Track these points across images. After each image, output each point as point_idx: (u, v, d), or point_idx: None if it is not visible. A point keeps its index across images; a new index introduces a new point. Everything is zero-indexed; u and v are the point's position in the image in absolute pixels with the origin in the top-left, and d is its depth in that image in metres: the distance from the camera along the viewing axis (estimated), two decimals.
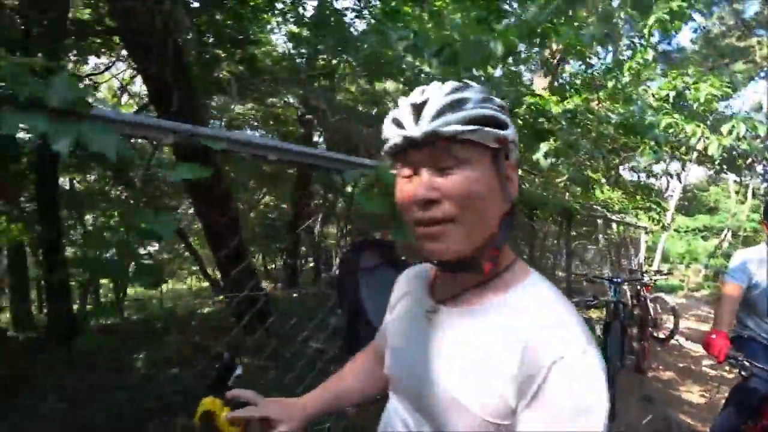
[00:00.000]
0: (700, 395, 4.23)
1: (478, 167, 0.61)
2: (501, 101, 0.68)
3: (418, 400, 0.68)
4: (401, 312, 0.82)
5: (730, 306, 2.17)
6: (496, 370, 0.59)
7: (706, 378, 4.74)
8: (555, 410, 0.55)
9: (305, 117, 7.40)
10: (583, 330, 0.60)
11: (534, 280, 0.67)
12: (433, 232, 0.61)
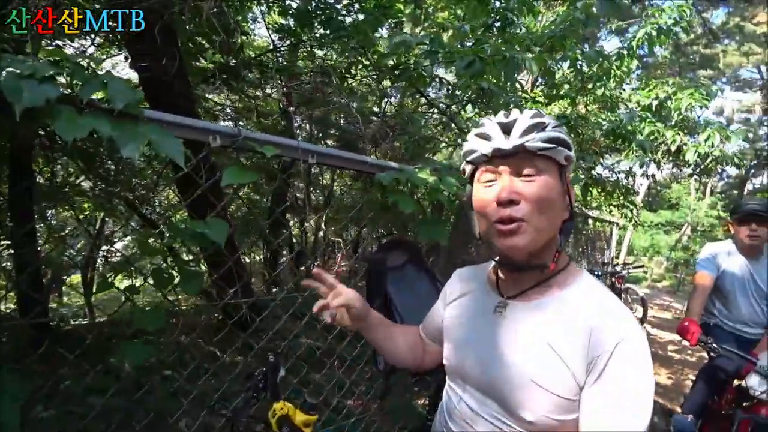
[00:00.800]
0: (667, 377, 4.58)
1: (551, 178, 0.74)
2: (564, 128, 0.79)
3: (491, 386, 0.77)
4: (463, 308, 0.91)
5: (701, 294, 2.39)
6: (568, 353, 0.70)
7: (672, 362, 5.13)
8: (620, 382, 0.67)
9: (287, 110, 7.28)
10: (633, 317, 0.73)
11: (587, 278, 0.80)
12: (512, 229, 0.72)
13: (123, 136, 0.79)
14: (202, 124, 1.04)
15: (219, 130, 1.07)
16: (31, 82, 0.73)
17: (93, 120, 0.77)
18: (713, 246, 2.55)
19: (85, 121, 0.77)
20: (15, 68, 0.74)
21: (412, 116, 2.88)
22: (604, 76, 3.07)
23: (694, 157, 3.07)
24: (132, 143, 0.79)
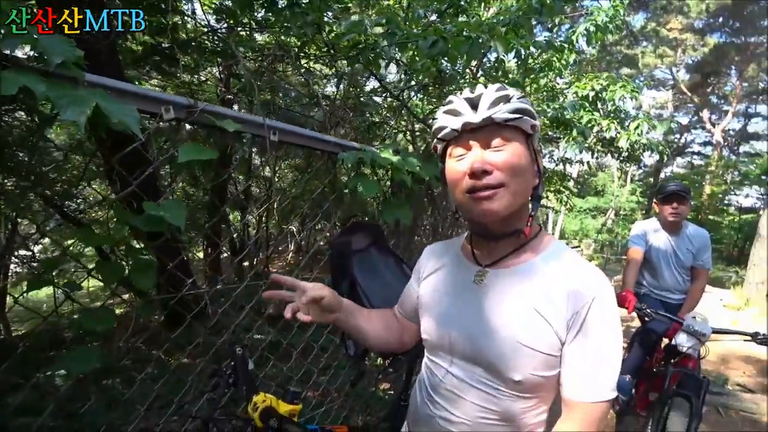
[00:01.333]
0: None
1: (519, 146, 0.77)
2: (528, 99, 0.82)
3: (480, 353, 0.79)
4: (439, 282, 0.92)
5: (634, 266, 2.65)
6: (550, 313, 0.75)
7: None
8: (597, 333, 0.74)
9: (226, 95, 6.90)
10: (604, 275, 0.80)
11: (558, 244, 0.85)
12: (488, 195, 0.75)
13: (63, 97, 0.67)
14: (153, 93, 0.93)
15: (173, 100, 0.96)
16: None
17: (23, 76, 0.65)
18: (642, 224, 2.81)
19: (11, 76, 0.64)
20: None
21: (368, 100, 2.85)
22: (546, 66, 3.24)
23: (627, 144, 3.37)
24: (75, 106, 0.67)
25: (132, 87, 0.89)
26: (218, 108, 1.02)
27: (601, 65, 15.10)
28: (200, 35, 5.83)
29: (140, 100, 0.92)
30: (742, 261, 9.40)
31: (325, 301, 0.87)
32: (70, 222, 5.18)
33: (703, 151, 25.40)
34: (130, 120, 0.74)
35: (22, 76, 0.64)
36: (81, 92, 0.71)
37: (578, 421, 0.75)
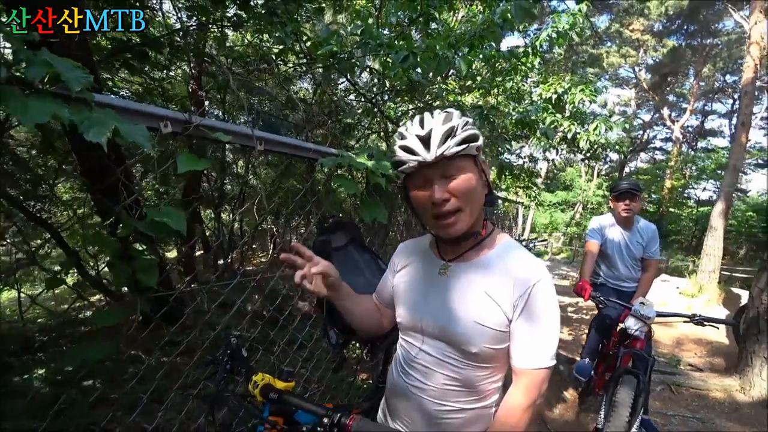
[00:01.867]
0: (568, 334, 5.34)
1: (469, 170, 0.94)
2: (470, 120, 0.98)
3: (446, 332, 0.97)
4: (411, 275, 1.08)
5: (590, 258, 2.90)
6: (501, 297, 0.93)
7: (572, 321, 5.98)
8: (538, 312, 0.91)
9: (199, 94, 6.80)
10: (543, 264, 0.97)
11: (508, 240, 1.04)
12: (450, 221, 0.93)
13: (84, 120, 0.77)
14: (152, 110, 1.03)
15: (170, 116, 1.06)
16: None
17: (50, 104, 0.74)
18: (598, 219, 3.06)
19: (41, 104, 0.73)
20: None
21: (343, 104, 2.97)
22: (512, 70, 3.43)
23: (586, 144, 3.64)
24: (97, 128, 0.77)
25: (134, 105, 0.98)
26: (211, 122, 1.12)
27: (568, 65, 15.68)
28: (171, 32, 5.72)
29: (141, 116, 1.01)
30: (699, 251, 10.04)
31: (331, 278, 1.02)
32: (35, 222, 5.00)
33: (664, 147, 26.70)
34: (141, 138, 0.84)
35: (48, 103, 0.73)
36: (97, 115, 0.80)
37: (524, 385, 0.93)
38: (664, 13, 18.74)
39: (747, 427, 3.19)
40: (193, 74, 6.38)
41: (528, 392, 0.92)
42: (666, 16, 19.11)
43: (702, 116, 25.47)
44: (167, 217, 1.00)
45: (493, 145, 3.40)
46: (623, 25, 20.07)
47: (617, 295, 2.75)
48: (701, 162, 18.74)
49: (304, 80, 5.27)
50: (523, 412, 0.91)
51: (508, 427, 0.92)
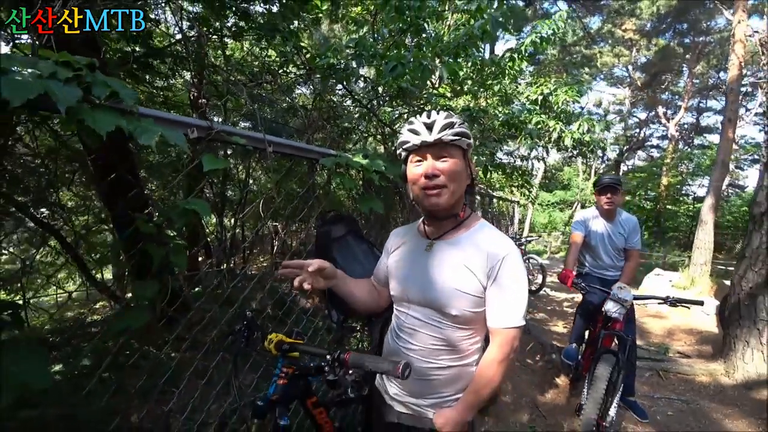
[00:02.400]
0: (563, 327, 5.54)
1: (458, 158, 1.16)
2: (466, 124, 1.18)
3: (429, 298, 1.17)
4: (401, 254, 1.28)
5: (574, 249, 3.12)
6: (475, 267, 1.13)
7: (567, 315, 6.17)
8: (508, 280, 1.12)
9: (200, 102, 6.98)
10: (513, 242, 1.18)
11: (482, 222, 1.25)
12: (435, 192, 1.13)
13: (137, 128, 0.98)
14: (181, 118, 1.24)
15: (196, 123, 1.27)
16: (57, 83, 0.88)
17: (114, 116, 0.95)
18: (582, 212, 3.26)
19: (105, 116, 0.93)
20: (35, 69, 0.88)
21: (343, 110, 3.17)
22: (500, 74, 3.65)
23: (571, 143, 3.86)
24: (147, 134, 0.98)
25: (168, 115, 1.19)
26: (229, 128, 1.34)
27: (561, 66, 15.95)
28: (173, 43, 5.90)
29: (173, 123, 1.22)
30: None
31: (326, 270, 1.22)
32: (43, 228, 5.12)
33: (661, 145, 26.92)
34: (180, 142, 1.05)
35: (110, 115, 0.94)
36: (145, 123, 1.01)
37: (498, 342, 1.13)
38: (656, 12, 19.01)
39: (730, 407, 3.36)
40: (195, 82, 6.56)
41: (501, 348, 1.12)
42: (657, 15, 19.37)
43: (697, 113, 25.70)
44: (195, 206, 1.20)
45: (482, 145, 3.60)
46: (615, 25, 20.35)
47: (601, 283, 2.91)
48: (697, 159, 18.93)
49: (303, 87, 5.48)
50: (498, 364, 1.12)
51: (485, 378, 1.12)
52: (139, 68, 5.13)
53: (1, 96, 0.81)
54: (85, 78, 0.96)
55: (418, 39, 2.82)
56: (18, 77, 0.85)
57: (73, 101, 0.88)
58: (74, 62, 0.97)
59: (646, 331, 5.81)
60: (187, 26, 5.83)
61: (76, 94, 0.90)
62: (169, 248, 1.25)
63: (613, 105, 26.85)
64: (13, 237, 5.60)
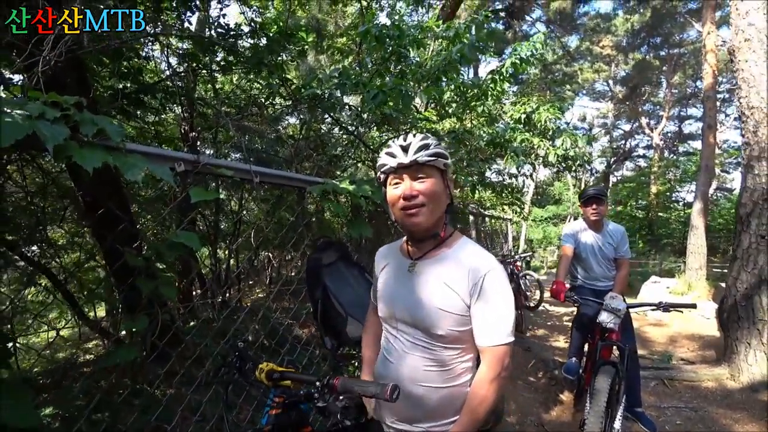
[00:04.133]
0: (564, 342, 5.49)
1: (436, 178, 1.17)
2: (443, 144, 1.22)
3: (414, 319, 1.17)
4: (386, 275, 1.30)
5: (565, 262, 3.12)
6: (458, 286, 1.13)
7: (566, 329, 6.11)
8: (492, 296, 1.11)
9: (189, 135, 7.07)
10: (494, 257, 1.18)
11: (465, 239, 1.25)
12: (414, 212, 1.14)
13: (124, 164, 1.00)
14: (168, 153, 1.27)
15: (182, 157, 1.30)
16: (45, 123, 0.91)
17: (101, 153, 0.97)
18: (571, 225, 3.30)
19: (93, 153, 0.96)
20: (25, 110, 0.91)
21: (328, 138, 3.23)
22: (483, 96, 3.75)
23: (556, 159, 3.95)
24: (133, 170, 1.00)
25: (155, 149, 1.22)
26: (216, 160, 1.36)
27: (543, 85, 16.41)
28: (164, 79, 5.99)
29: (160, 158, 1.25)
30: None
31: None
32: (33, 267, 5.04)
33: (647, 154, 27.41)
34: (166, 176, 1.08)
35: (98, 151, 0.97)
36: (131, 159, 1.04)
37: (488, 360, 1.11)
38: (630, 28, 19.76)
39: (738, 411, 3.32)
40: (185, 116, 6.64)
41: (492, 366, 1.10)
42: (632, 31, 20.13)
43: (679, 122, 26.38)
44: (184, 239, 1.21)
45: (469, 165, 3.67)
46: (593, 42, 21.08)
47: (594, 295, 2.90)
48: (683, 165, 19.28)
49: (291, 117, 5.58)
50: (489, 383, 1.10)
51: (479, 397, 1.10)
52: (130, 104, 5.20)
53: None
54: (73, 117, 0.99)
55: (401, 66, 2.91)
56: (8, 119, 0.88)
57: (61, 140, 0.91)
58: (62, 101, 1.00)
59: (648, 340, 5.77)
60: (177, 62, 5.96)
61: (64, 133, 0.93)
62: (158, 281, 1.25)
63: (598, 119, 27.52)
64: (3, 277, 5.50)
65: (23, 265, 4.65)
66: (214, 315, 5.75)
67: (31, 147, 0.95)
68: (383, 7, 10.46)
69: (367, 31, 2.52)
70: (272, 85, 2.17)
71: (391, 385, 0.93)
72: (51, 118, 0.94)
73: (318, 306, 1.75)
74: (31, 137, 0.88)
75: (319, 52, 4.68)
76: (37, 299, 6.83)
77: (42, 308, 5.65)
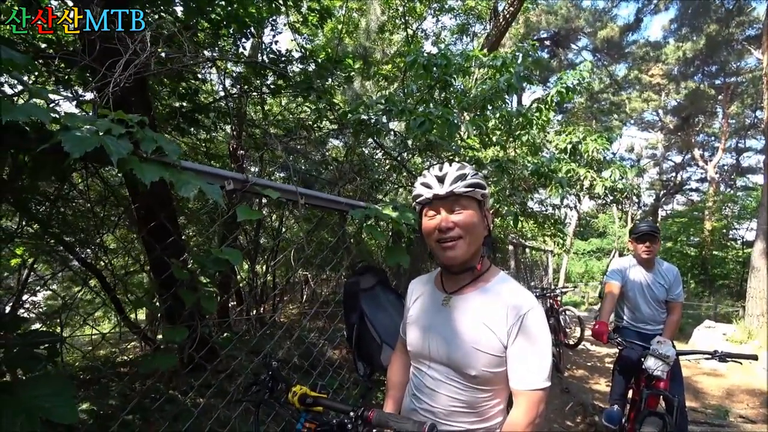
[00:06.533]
0: (606, 385, 5.13)
1: (473, 210, 1.14)
2: (481, 174, 1.19)
3: (447, 356, 1.12)
4: (419, 307, 1.26)
5: (610, 300, 2.91)
6: (495, 325, 1.08)
7: (608, 371, 5.70)
8: (530, 337, 1.05)
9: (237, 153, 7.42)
10: (533, 296, 1.12)
11: (503, 274, 1.20)
12: (450, 245, 1.11)
13: (178, 181, 1.06)
14: (219, 172, 1.32)
15: (232, 176, 1.35)
16: (111, 138, 0.98)
17: (158, 168, 1.03)
18: (619, 261, 3.11)
19: (152, 168, 1.03)
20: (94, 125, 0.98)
21: (371, 162, 3.29)
22: (527, 124, 3.70)
23: (603, 190, 3.79)
24: (187, 186, 1.06)
25: (208, 168, 1.28)
26: (263, 181, 1.40)
27: (589, 114, 16.00)
28: (217, 100, 6.39)
29: (212, 176, 1.31)
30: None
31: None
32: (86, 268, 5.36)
33: (701, 188, 25.89)
34: (216, 195, 1.12)
35: (156, 167, 1.03)
36: (185, 176, 1.10)
37: (523, 405, 1.05)
38: (682, 57, 19.03)
39: None
40: (234, 135, 7.01)
41: (527, 412, 1.03)
42: (684, 59, 19.37)
43: (736, 154, 24.78)
44: (228, 255, 1.25)
45: (512, 195, 3.59)
46: (641, 71, 20.45)
47: (640, 338, 2.70)
48: (741, 201, 17.98)
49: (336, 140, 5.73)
50: (523, 429, 1.03)
51: None
52: (186, 122, 5.58)
53: (63, 149, 0.90)
54: (135, 134, 1.05)
55: (446, 93, 2.93)
56: (78, 133, 0.95)
57: (124, 154, 0.98)
58: (128, 119, 1.08)
59: (701, 392, 5.29)
60: (230, 84, 6.36)
61: (128, 148, 1.00)
62: (200, 294, 1.28)
63: (646, 149, 26.36)
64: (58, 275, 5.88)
65: (76, 266, 4.97)
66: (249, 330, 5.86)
67: (96, 159, 1.03)
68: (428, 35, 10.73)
69: (415, 60, 2.57)
70: (320, 109, 2.24)
71: (429, 423, 0.89)
72: (116, 134, 1.01)
73: (353, 330, 1.73)
74: (99, 150, 0.95)
75: (366, 79, 4.81)
76: (84, 298, 7.35)
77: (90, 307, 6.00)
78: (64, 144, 0.91)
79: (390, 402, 1.32)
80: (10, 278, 5.36)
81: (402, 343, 1.36)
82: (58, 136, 0.92)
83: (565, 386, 4.63)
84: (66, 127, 0.96)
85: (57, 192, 3.80)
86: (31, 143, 0.96)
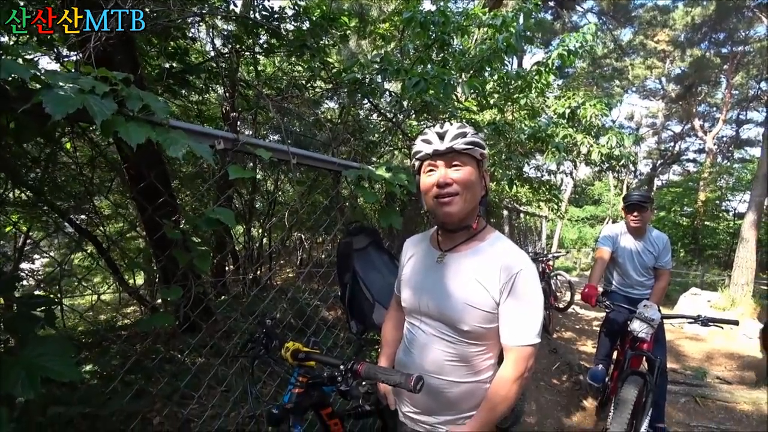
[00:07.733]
0: (592, 346, 5.33)
1: (471, 168, 1.14)
2: (481, 135, 1.18)
3: (440, 311, 1.15)
4: (413, 264, 1.28)
5: (600, 265, 2.98)
6: (488, 282, 1.10)
7: (595, 334, 5.89)
8: (522, 296, 1.08)
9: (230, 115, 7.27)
10: (527, 255, 1.14)
11: (497, 234, 1.22)
12: (447, 201, 1.11)
13: (166, 140, 1.03)
14: (209, 131, 1.30)
15: (222, 135, 1.32)
16: (94, 97, 0.95)
17: (145, 128, 1.00)
18: (610, 227, 3.15)
19: (138, 128, 0.99)
20: (76, 84, 0.94)
21: (366, 123, 3.22)
22: (526, 88, 3.62)
23: (600, 157, 3.77)
24: (175, 146, 1.02)
25: (196, 127, 1.25)
26: (254, 140, 1.38)
27: (590, 79, 15.66)
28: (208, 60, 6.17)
29: (201, 135, 1.28)
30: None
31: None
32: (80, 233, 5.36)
33: (698, 159, 25.80)
34: (206, 154, 1.10)
35: (143, 127, 1.00)
36: (174, 135, 1.06)
37: (513, 360, 1.09)
38: (690, 22, 18.44)
39: None
40: (227, 96, 6.83)
41: (516, 366, 1.08)
42: (692, 25, 18.77)
43: (737, 126, 24.57)
44: (220, 215, 1.24)
45: (508, 159, 3.56)
46: (647, 36, 19.85)
47: (627, 302, 2.78)
48: (737, 173, 18.01)
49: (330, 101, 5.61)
50: (512, 383, 1.08)
51: (499, 396, 1.09)
52: (176, 83, 5.40)
53: (45, 110, 0.86)
54: (120, 92, 1.02)
55: (443, 54, 2.84)
56: (60, 92, 0.91)
57: (108, 114, 0.94)
58: (112, 77, 1.04)
59: (682, 354, 5.51)
60: (221, 43, 6.11)
61: (112, 108, 0.96)
62: (194, 253, 1.29)
63: (646, 118, 26.04)
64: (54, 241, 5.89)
65: (71, 231, 4.95)
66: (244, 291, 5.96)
67: (81, 119, 0.99)
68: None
69: (412, 17, 2.47)
70: (313, 69, 2.17)
71: (416, 375, 0.92)
72: (100, 92, 0.97)
73: (346, 290, 1.77)
74: (82, 111, 0.91)
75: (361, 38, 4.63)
76: (83, 264, 7.36)
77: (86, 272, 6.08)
78: (46, 105, 0.87)
79: (383, 358, 1.36)
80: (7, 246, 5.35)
81: (396, 301, 1.38)
82: (39, 96, 0.88)
83: (553, 347, 4.80)
84: (48, 85, 0.92)
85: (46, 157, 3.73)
86: (13, 103, 0.92)
